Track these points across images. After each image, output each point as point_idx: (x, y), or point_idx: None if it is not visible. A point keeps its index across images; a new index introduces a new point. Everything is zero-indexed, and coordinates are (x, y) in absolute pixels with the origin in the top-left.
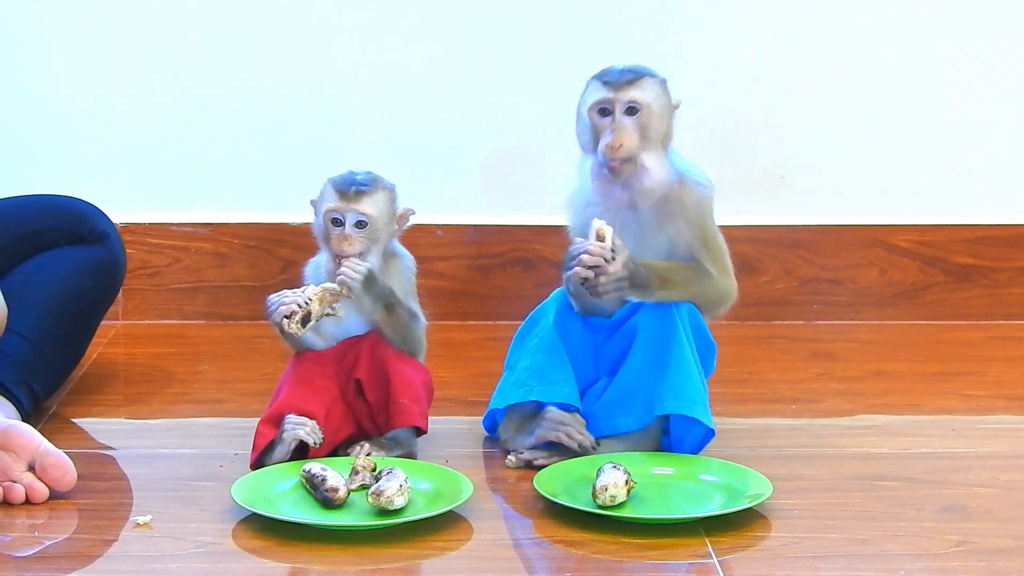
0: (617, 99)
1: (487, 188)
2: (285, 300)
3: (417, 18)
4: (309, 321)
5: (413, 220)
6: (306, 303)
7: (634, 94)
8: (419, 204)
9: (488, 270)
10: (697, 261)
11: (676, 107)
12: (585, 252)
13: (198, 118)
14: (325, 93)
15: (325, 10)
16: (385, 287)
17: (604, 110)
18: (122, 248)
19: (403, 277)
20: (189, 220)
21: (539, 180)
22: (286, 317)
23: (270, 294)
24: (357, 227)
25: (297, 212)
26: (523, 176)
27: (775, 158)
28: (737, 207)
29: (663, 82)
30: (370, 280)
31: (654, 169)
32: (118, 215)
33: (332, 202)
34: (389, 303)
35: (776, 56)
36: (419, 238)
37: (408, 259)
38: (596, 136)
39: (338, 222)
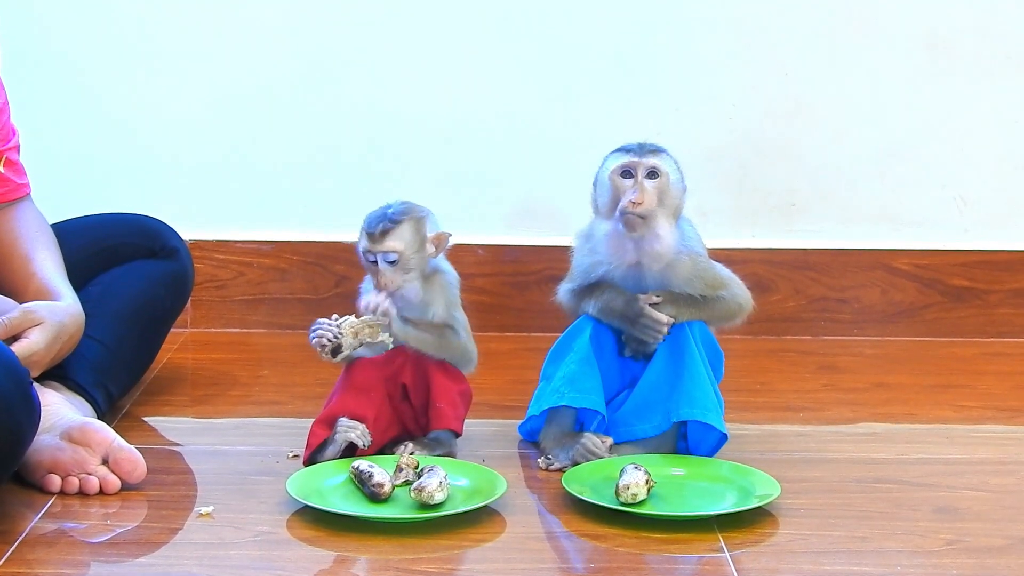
0: (641, 163)
1: (524, 212)
2: (319, 332)
3: (466, 56)
4: (340, 352)
5: (453, 240)
6: (336, 336)
7: (655, 161)
8: (462, 226)
9: (524, 286)
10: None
11: (685, 191)
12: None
13: (261, 146)
14: (379, 126)
15: (382, 48)
16: (415, 319)
17: (627, 172)
18: (191, 262)
19: (445, 291)
20: (252, 238)
21: (570, 206)
22: (320, 347)
23: (318, 319)
24: (389, 262)
25: (350, 232)
26: (556, 202)
27: (788, 187)
28: (752, 231)
29: (677, 163)
30: (399, 319)
31: (666, 237)
32: (188, 232)
33: (364, 243)
34: (421, 329)
35: (789, 96)
36: (462, 257)
37: (451, 275)
38: (616, 198)
39: (373, 260)
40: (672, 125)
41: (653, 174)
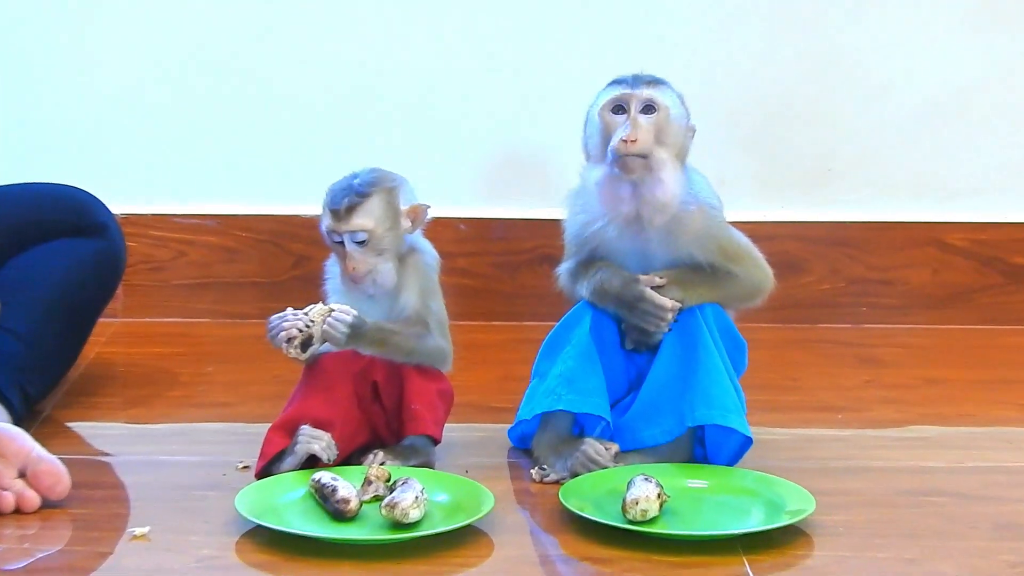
0: (635, 96)
1: (514, 180)
2: (285, 324)
3: (439, 8)
4: (311, 345)
5: (432, 213)
6: (307, 326)
7: (652, 93)
8: (440, 196)
9: (514, 267)
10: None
11: (692, 130)
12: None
13: (205, 102)
14: (342, 79)
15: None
16: (372, 327)
17: (619, 107)
18: (122, 240)
19: (421, 274)
20: (195, 211)
21: (568, 172)
22: (286, 341)
23: (272, 315)
24: (358, 243)
25: (310, 204)
26: (552, 168)
27: (821, 149)
28: (780, 201)
29: (680, 96)
30: (356, 330)
31: (668, 182)
32: (118, 205)
33: (328, 221)
34: (379, 339)
35: (823, 39)
36: (440, 233)
37: (428, 255)
38: (607, 138)
39: (339, 240)
40: (684, 80)
41: (649, 108)
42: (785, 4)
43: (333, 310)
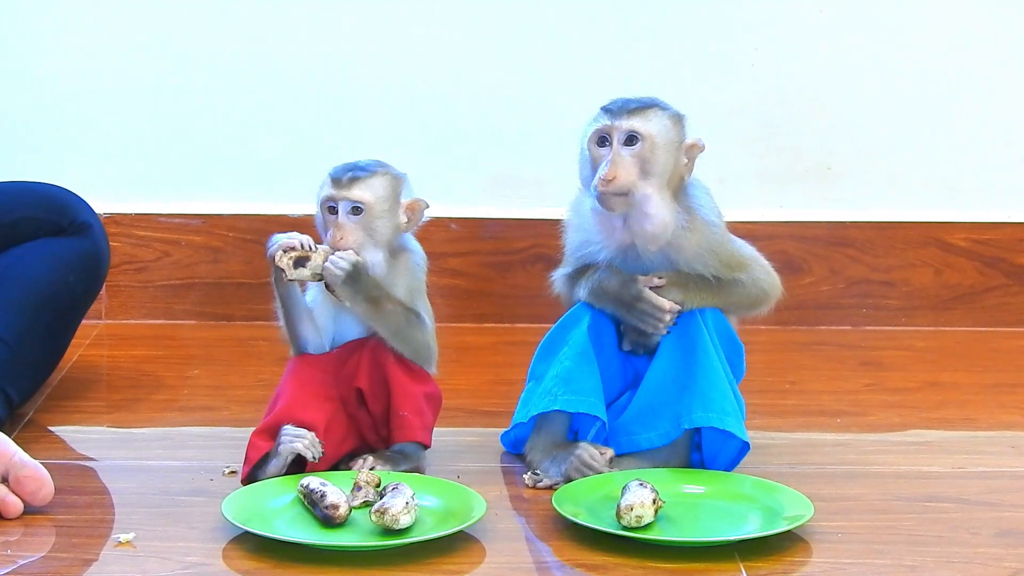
0: (616, 127)
1: (506, 178)
2: (288, 236)
3: (429, 5)
4: (302, 266)
5: (428, 213)
6: (310, 248)
7: (635, 123)
8: (430, 194)
9: (507, 267)
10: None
11: (697, 148)
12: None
13: (191, 98)
14: (331, 71)
15: None
16: (372, 281)
17: (603, 139)
18: (105, 240)
19: (410, 274)
20: (180, 210)
21: (562, 170)
22: (283, 251)
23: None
24: (352, 214)
25: (298, 202)
26: (544, 166)
27: (822, 147)
28: (780, 200)
29: (676, 116)
30: (355, 273)
31: (656, 215)
32: (101, 204)
33: (327, 190)
34: (374, 297)
35: (824, 35)
36: (431, 232)
37: (418, 255)
38: (594, 171)
39: (333, 210)
40: (682, 75)
41: (632, 139)
42: (783, 4)
43: (336, 251)
